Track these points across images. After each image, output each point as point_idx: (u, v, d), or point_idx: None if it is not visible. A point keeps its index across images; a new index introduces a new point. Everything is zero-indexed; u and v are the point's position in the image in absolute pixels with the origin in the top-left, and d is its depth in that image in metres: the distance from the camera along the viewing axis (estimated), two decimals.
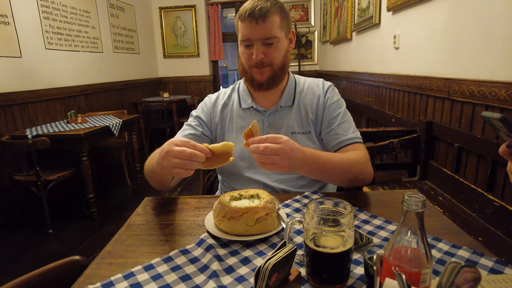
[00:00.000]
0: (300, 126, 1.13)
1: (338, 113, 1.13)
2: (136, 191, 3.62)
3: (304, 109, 1.14)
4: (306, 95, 1.16)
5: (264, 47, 1.04)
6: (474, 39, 1.61)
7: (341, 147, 1.08)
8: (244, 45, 1.06)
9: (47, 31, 3.17)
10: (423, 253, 0.44)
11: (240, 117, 1.17)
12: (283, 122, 1.14)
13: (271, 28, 1.02)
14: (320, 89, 1.17)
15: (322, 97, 1.15)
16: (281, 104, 1.14)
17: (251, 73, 1.09)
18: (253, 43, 1.03)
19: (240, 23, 1.05)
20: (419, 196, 0.43)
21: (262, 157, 0.78)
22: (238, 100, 1.19)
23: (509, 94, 1.35)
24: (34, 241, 2.53)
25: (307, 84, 1.19)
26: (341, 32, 4.12)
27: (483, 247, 0.71)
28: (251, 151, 0.79)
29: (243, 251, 0.74)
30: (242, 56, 1.09)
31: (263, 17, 1.00)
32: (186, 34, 5.90)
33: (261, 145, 0.77)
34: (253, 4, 1.01)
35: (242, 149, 1.12)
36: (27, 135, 2.52)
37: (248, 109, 1.16)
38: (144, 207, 0.99)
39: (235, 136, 1.15)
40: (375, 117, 3.07)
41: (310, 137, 1.12)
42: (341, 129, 1.10)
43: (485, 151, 1.53)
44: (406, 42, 2.39)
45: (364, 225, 0.83)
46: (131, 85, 4.89)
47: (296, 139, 1.10)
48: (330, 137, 1.11)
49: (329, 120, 1.12)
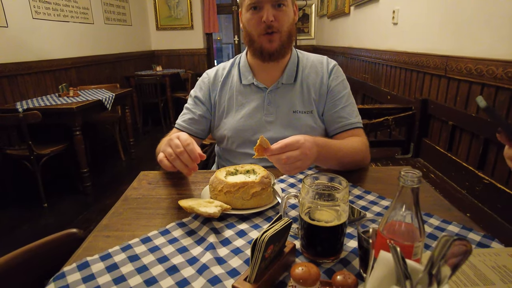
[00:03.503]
0: (302, 105, 1.12)
1: (343, 95, 1.12)
2: (130, 166, 3.62)
3: (307, 88, 1.13)
4: (310, 74, 1.14)
5: (274, 10, 1.02)
6: (474, 16, 1.59)
7: (344, 130, 1.09)
8: (252, 8, 1.03)
9: (34, 0, 3.04)
10: (417, 227, 0.45)
11: (240, 93, 1.15)
12: (284, 100, 1.12)
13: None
14: (324, 68, 1.15)
15: (326, 77, 1.13)
16: (283, 81, 1.12)
17: (260, 42, 1.05)
18: (263, 5, 1.01)
19: None
20: (415, 172, 0.44)
21: (286, 166, 0.78)
22: (239, 75, 1.16)
23: (506, 72, 1.35)
24: (29, 215, 2.55)
25: (310, 62, 1.17)
26: (339, 6, 4.02)
27: (472, 222, 0.74)
28: (274, 162, 0.78)
29: (239, 224, 0.75)
30: (250, 23, 1.05)
31: None
32: (179, 5, 5.69)
33: (282, 156, 0.76)
34: None
35: (236, 126, 1.12)
36: (18, 108, 2.47)
37: (248, 86, 1.14)
38: (139, 181, 0.99)
39: (234, 113, 1.14)
40: (371, 94, 3.06)
41: (312, 116, 1.12)
42: (345, 112, 1.10)
43: (478, 129, 1.54)
44: (405, 18, 2.34)
45: (358, 200, 0.84)
46: (123, 58, 4.77)
47: (298, 117, 1.10)
48: (334, 119, 1.11)
49: (334, 102, 1.11)
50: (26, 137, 2.40)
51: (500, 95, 1.42)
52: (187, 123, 1.16)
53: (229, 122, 1.14)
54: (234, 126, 1.12)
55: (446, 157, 1.78)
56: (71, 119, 2.61)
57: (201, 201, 0.76)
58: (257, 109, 1.12)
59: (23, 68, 2.88)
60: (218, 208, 0.72)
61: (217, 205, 0.73)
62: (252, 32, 1.06)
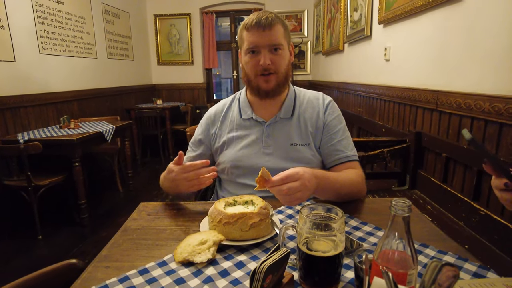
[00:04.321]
0: (300, 138, 1.16)
1: (338, 129, 1.17)
2: (127, 197, 3.60)
3: (304, 122, 1.17)
4: (306, 109, 1.19)
5: (271, 54, 1.08)
6: (459, 53, 1.68)
7: (340, 163, 1.13)
8: (251, 52, 1.10)
9: (42, 36, 3.18)
10: (409, 255, 0.47)
11: (240, 127, 1.20)
12: (282, 133, 1.16)
13: (276, 36, 1.08)
14: (320, 103, 1.21)
15: (322, 112, 1.19)
16: (280, 116, 1.17)
17: (257, 82, 1.12)
18: (260, 50, 1.08)
19: (246, 33, 1.09)
20: (405, 202, 0.46)
21: (286, 197, 0.82)
22: (239, 110, 1.22)
23: (493, 106, 1.41)
24: (23, 247, 2.49)
25: (307, 98, 1.23)
26: (334, 43, 4.21)
27: (469, 253, 0.75)
28: (275, 194, 0.82)
29: (237, 255, 0.76)
30: (248, 65, 1.12)
31: (269, 25, 1.06)
32: (180, 41, 5.94)
33: (283, 187, 0.80)
34: (258, 15, 1.08)
35: (236, 157, 1.15)
36: (19, 139, 2.50)
37: (248, 120, 1.19)
38: (139, 212, 1.00)
39: (234, 145, 1.18)
40: (366, 127, 3.13)
41: (309, 149, 1.15)
42: (341, 146, 1.15)
43: (471, 161, 1.58)
44: (396, 54, 2.46)
45: (355, 231, 0.86)
46: (124, 91, 4.89)
47: (296, 150, 1.14)
48: (330, 152, 1.15)
49: (330, 136, 1.16)
50: (25, 168, 2.42)
51: (489, 128, 1.47)
52: (188, 159, 1.22)
53: (229, 153, 1.17)
54: (233, 157, 1.16)
55: (441, 188, 1.80)
56: (71, 151, 2.64)
57: (194, 245, 0.74)
58: (255, 141, 1.16)
59: (26, 100, 2.95)
60: (212, 249, 0.73)
61: (210, 246, 0.74)
62: (250, 73, 1.13)
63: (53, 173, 2.70)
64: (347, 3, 3.57)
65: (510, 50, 1.35)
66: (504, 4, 1.37)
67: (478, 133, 1.54)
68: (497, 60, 1.42)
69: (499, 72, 1.42)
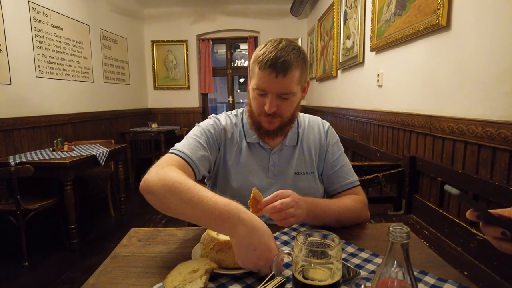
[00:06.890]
0: (304, 166, 1.14)
1: (339, 155, 1.17)
2: (119, 222, 3.51)
3: (308, 148, 1.16)
4: (309, 135, 1.18)
5: (279, 100, 1.00)
6: (450, 80, 1.72)
7: (343, 190, 1.13)
8: (258, 93, 1.01)
9: (39, 60, 3.21)
10: (409, 284, 0.45)
11: (245, 151, 1.13)
12: (288, 162, 1.13)
13: (289, 84, 0.97)
14: (321, 128, 1.20)
15: (323, 137, 1.18)
16: (286, 144, 1.14)
17: (259, 120, 1.06)
18: (268, 94, 0.99)
19: (257, 69, 0.98)
20: (403, 228, 0.45)
21: (280, 214, 0.82)
22: (243, 132, 1.15)
23: (485, 131, 1.43)
24: (7, 275, 2.39)
25: (307, 122, 1.21)
26: (327, 70, 4.30)
27: (469, 280, 0.73)
28: (269, 212, 0.82)
29: (230, 284, 0.73)
30: (253, 102, 1.05)
31: (284, 72, 0.94)
32: (177, 67, 6.04)
33: (276, 203, 0.82)
34: (276, 54, 0.94)
35: (240, 186, 1.09)
36: (10, 162, 2.46)
37: (253, 144, 1.13)
38: (129, 238, 0.97)
39: (238, 171, 1.11)
40: (360, 152, 3.14)
41: (314, 178, 1.14)
42: (343, 172, 1.14)
43: (466, 185, 1.58)
44: (389, 80, 2.51)
45: (352, 258, 0.83)
46: (120, 115, 4.90)
47: (300, 179, 1.12)
48: (333, 180, 1.14)
49: (331, 163, 1.15)
50: (15, 191, 2.36)
51: (483, 152, 1.48)
52: (193, 149, 1.03)
53: (233, 182, 1.10)
54: (238, 186, 1.10)
55: (437, 213, 1.79)
56: (63, 174, 2.59)
57: (185, 274, 0.72)
58: (261, 170, 1.12)
59: (20, 123, 2.94)
60: (204, 277, 0.71)
61: (202, 274, 0.71)
62: (254, 108, 1.06)
63: (43, 197, 2.64)
64: (340, 31, 3.69)
65: (497, 77, 1.39)
66: (491, 33, 1.42)
67: (471, 158, 1.55)
68: (486, 87, 1.45)
69: (487, 99, 1.45)
